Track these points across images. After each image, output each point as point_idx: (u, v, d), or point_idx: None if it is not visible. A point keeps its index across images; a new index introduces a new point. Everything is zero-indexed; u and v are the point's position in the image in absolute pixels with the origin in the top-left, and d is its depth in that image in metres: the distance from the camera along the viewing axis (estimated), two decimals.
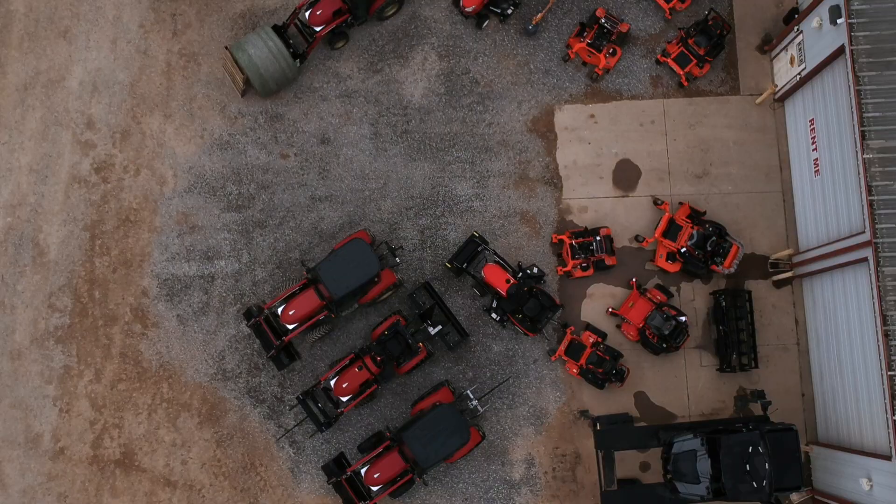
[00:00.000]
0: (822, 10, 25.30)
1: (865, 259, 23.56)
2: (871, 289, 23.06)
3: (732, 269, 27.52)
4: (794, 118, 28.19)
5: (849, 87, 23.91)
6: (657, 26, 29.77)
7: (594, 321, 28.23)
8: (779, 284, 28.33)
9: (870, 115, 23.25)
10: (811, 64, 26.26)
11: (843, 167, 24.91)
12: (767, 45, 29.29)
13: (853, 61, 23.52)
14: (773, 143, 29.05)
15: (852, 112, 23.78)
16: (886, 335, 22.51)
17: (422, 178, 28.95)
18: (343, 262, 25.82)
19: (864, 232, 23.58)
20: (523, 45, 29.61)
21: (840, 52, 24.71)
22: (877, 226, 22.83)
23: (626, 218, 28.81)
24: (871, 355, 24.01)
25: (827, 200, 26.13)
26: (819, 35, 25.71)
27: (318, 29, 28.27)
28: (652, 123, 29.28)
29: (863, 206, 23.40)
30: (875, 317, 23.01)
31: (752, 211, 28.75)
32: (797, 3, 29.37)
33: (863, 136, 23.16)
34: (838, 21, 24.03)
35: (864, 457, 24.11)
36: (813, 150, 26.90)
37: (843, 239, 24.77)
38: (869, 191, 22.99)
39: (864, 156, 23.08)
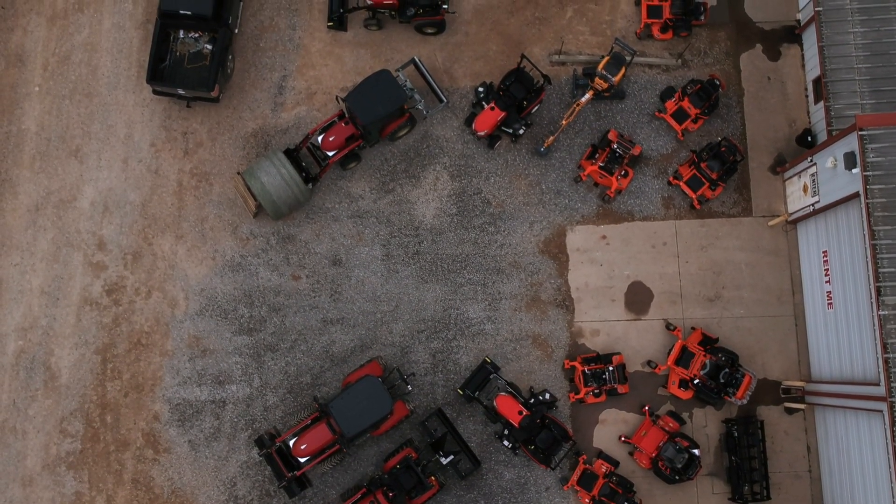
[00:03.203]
0: (837, 152, 25.23)
1: (881, 411, 23.49)
2: (888, 446, 23.00)
3: (745, 401, 27.48)
4: (806, 245, 28.14)
5: (864, 236, 23.84)
6: (669, 146, 29.73)
7: (607, 448, 28.20)
8: (791, 410, 28.27)
9: (885, 270, 23.19)
10: (825, 200, 26.20)
11: (858, 313, 24.83)
12: (780, 167, 29.24)
13: (868, 214, 23.44)
14: (785, 266, 28.99)
15: (867, 262, 23.70)
16: None
17: (433, 301, 28.90)
18: (355, 400, 25.80)
19: (878, 385, 23.51)
20: (535, 165, 29.58)
21: (855, 195, 24.64)
22: (892, 384, 22.77)
23: (639, 342, 28.76)
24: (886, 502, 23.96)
25: (840, 337, 26.07)
26: (833, 174, 25.66)
27: (330, 154, 28.25)
28: (664, 245, 29.24)
29: (878, 360, 23.34)
30: (891, 473, 22.96)
31: (764, 335, 28.69)
32: (810, 124, 29.34)
33: (878, 292, 23.10)
34: (853, 170, 23.96)
35: None
36: (826, 283, 26.84)
37: (858, 385, 24.71)
38: (885, 348, 22.91)
39: (880, 312, 23.02)
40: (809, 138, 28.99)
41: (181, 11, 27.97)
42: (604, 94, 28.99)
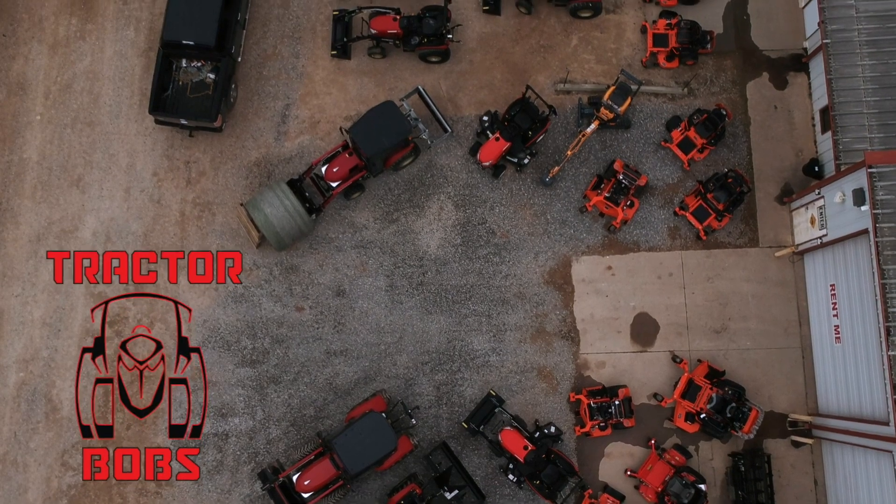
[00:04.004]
0: (846, 187, 25.01)
1: (890, 452, 23.27)
2: None
3: (751, 435, 27.25)
4: (814, 277, 27.91)
5: (873, 274, 23.60)
6: (675, 176, 29.51)
7: (612, 481, 27.97)
8: (798, 444, 28.04)
9: (895, 309, 22.94)
10: (833, 234, 25.97)
11: (867, 349, 24.60)
12: (787, 197, 29.01)
13: (878, 252, 23.22)
14: (792, 298, 28.75)
15: (876, 300, 23.48)
16: None
17: (438, 332, 28.68)
18: (359, 436, 25.59)
19: (888, 424, 23.29)
20: (540, 194, 29.36)
21: (863, 231, 24.41)
22: None
23: (644, 374, 28.54)
24: None
25: (848, 373, 25.84)
26: (841, 209, 25.42)
27: (334, 185, 28.05)
28: (670, 276, 29.02)
29: (887, 400, 23.12)
30: None
31: (771, 368, 28.47)
32: (817, 153, 29.12)
33: (888, 332, 22.87)
34: (862, 208, 23.73)
35: None
36: (834, 316, 26.61)
37: (867, 423, 24.48)
38: (894, 389, 22.68)
39: (890, 353, 22.79)
40: (816, 168, 28.78)
41: (184, 41, 27.73)
42: (609, 124, 28.79)
